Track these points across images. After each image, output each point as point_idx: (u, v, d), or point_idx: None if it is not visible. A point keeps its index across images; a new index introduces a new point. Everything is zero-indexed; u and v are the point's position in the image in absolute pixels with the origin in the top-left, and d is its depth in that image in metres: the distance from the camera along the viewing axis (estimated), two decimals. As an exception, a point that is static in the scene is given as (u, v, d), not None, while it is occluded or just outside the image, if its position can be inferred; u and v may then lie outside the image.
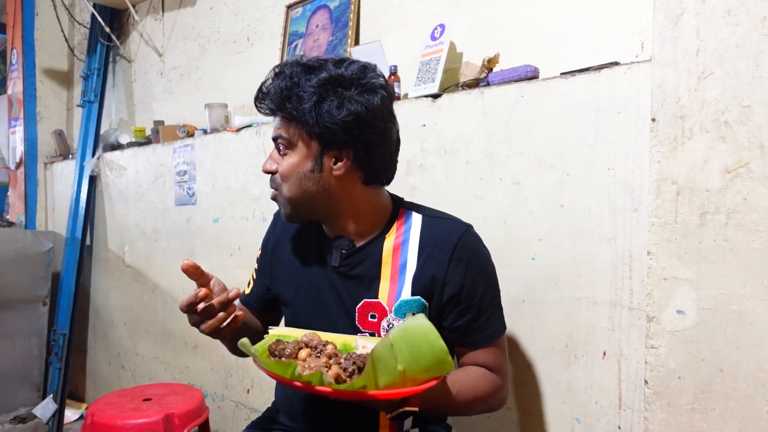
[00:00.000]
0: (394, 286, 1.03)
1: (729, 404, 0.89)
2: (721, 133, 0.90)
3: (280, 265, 1.15)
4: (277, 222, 1.20)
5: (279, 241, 1.17)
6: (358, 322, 1.04)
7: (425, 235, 1.04)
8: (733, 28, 0.90)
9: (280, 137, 1.00)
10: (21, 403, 2.66)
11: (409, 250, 1.03)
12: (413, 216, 1.07)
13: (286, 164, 1.00)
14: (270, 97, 0.98)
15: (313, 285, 1.09)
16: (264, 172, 1.03)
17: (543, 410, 1.28)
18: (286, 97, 0.96)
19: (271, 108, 0.99)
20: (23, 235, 2.73)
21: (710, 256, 0.91)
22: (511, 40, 1.42)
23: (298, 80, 0.96)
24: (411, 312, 1.02)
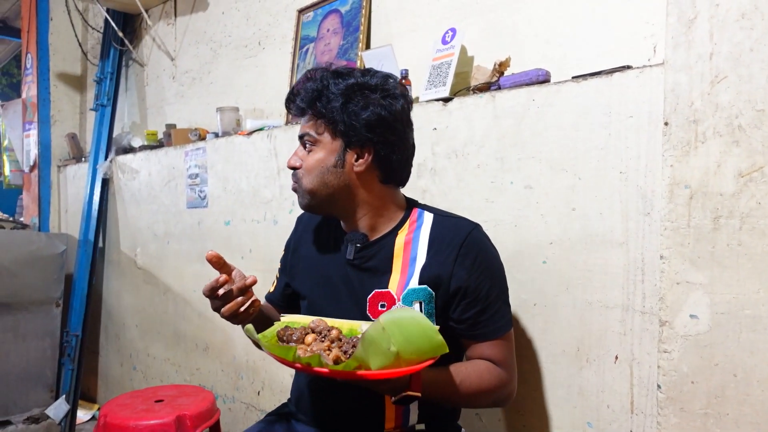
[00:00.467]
0: (403, 277, 1.09)
1: (743, 409, 0.89)
2: (735, 137, 0.90)
3: (300, 263, 1.23)
4: (299, 224, 1.29)
5: (300, 241, 1.26)
6: (369, 311, 1.10)
7: (435, 231, 1.11)
8: (747, 31, 0.89)
9: (307, 134, 1.09)
10: (34, 404, 2.69)
11: (419, 245, 1.10)
12: (425, 215, 1.14)
13: (311, 159, 1.09)
14: (301, 97, 1.08)
15: (328, 277, 1.16)
16: (289, 167, 1.12)
17: (555, 414, 1.28)
18: (316, 96, 1.06)
19: (301, 107, 1.09)
20: (37, 237, 2.77)
21: (724, 260, 0.90)
22: (522, 44, 1.42)
23: (327, 83, 1.06)
24: (418, 300, 1.07)
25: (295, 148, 1.09)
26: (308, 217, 1.27)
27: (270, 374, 2.03)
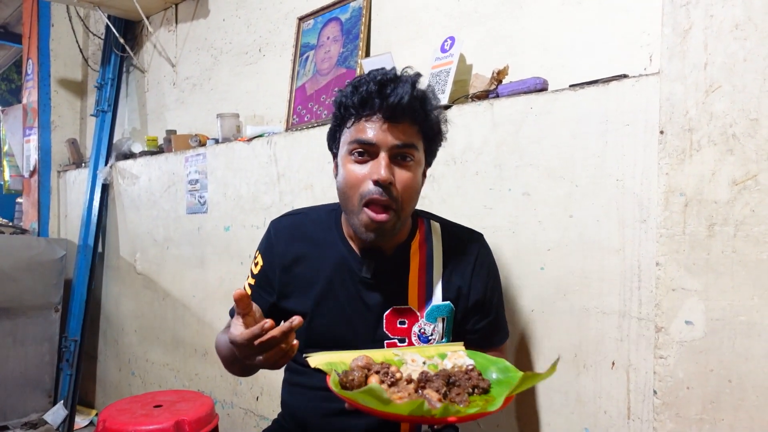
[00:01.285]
0: (422, 291, 1.07)
1: (738, 415, 0.90)
2: (729, 145, 0.91)
3: (295, 282, 1.10)
4: (281, 237, 1.13)
5: (288, 258, 1.11)
6: (386, 328, 1.06)
7: (447, 242, 1.10)
8: (741, 42, 0.91)
9: (412, 145, 0.98)
10: (32, 409, 2.69)
11: (434, 256, 1.09)
12: (432, 224, 1.13)
13: (414, 177, 0.99)
14: (401, 96, 0.94)
15: (334, 296, 1.07)
16: (383, 182, 0.94)
17: (552, 420, 1.29)
18: (421, 100, 0.97)
19: (403, 107, 0.94)
20: (36, 242, 2.77)
21: (718, 267, 0.92)
22: (520, 53, 1.44)
23: (423, 89, 0.99)
24: (442, 317, 1.07)
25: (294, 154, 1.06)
26: (290, 231, 1.13)
27: (268, 380, 2.03)
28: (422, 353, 0.94)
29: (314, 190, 1.84)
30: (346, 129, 1.00)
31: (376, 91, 0.95)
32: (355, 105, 0.97)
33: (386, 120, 0.95)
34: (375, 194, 0.95)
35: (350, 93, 0.98)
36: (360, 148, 0.97)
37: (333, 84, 1.87)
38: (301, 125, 1.93)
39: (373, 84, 0.95)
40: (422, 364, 0.90)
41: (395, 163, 0.97)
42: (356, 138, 0.97)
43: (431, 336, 1.07)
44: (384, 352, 0.93)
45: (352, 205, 0.99)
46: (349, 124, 0.99)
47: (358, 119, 0.97)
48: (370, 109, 0.95)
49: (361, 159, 0.97)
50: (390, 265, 1.07)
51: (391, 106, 0.94)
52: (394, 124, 0.96)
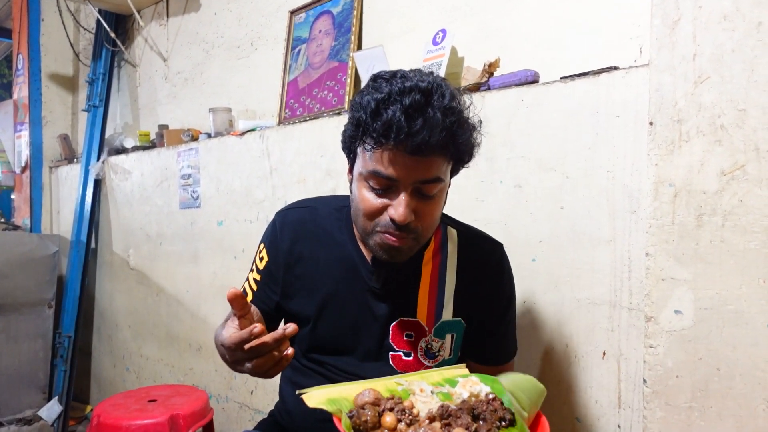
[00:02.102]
0: (432, 304, 1.02)
1: (726, 402, 0.91)
2: (718, 136, 0.92)
3: (298, 283, 1.05)
4: (285, 233, 1.07)
5: (293, 256, 1.05)
6: (391, 340, 1.02)
7: (463, 252, 1.04)
8: (729, 33, 0.91)
9: (436, 180, 0.88)
10: (27, 405, 2.68)
11: (447, 268, 1.03)
12: (449, 231, 1.07)
13: (437, 208, 0.93)
14: (431, 132, 0.82)
15: (340, 303, 1.03)
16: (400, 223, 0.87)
17: (544, 410, 1.29)
18: (452, 132, 0.85)
19: (432, 145, 0.83)
20: (29, 238, 2.76)
21: (707, 256, 0.92)
22: (511, 45, 1.44)
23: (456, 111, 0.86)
24: (451, 333, 1.04)
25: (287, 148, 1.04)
26: (295, 227, 1.06)
27: (263, 374, 2.04)
28: (427, 380, 0.90)
29: (307, 184, 1.84)
30: (364, 148, 0.89)
31: (404, 122, 0.81)
32: (377, 131, 0.84)
33: (411, 155, 0.84)
34: (390, 231, 0.89)
35: (372, 114, 0.84)
36: (379, 181, 0.88)
37: (325, 77, 1.87)
38: (293, 119, 1.93)
39: (400, 112, 0.82)
40: (431, 393, 0.85)
41: (417, 197, 0.89)
42: (374, 170, 0.87)
43: (438, 352, 1.03)
44: (386, 382, 0.88)
45: (366, 229, 0.93)
46: (367, 146, 0.87)
47: (378, 147, 0.85)
48: (394, 140, 0.83)
49: (379, 192, 0.89)
50: (401, 275, 1.01)
51: (417, 144, 0.82)
52: (420, 159, 0.85)
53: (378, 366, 1.03)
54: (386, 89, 0.85)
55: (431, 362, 1.03)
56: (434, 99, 0.84)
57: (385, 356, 1.03)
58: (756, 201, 0.88)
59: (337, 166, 1.74)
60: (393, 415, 0.76)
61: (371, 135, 0.85)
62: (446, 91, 0.86)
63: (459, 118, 0.87)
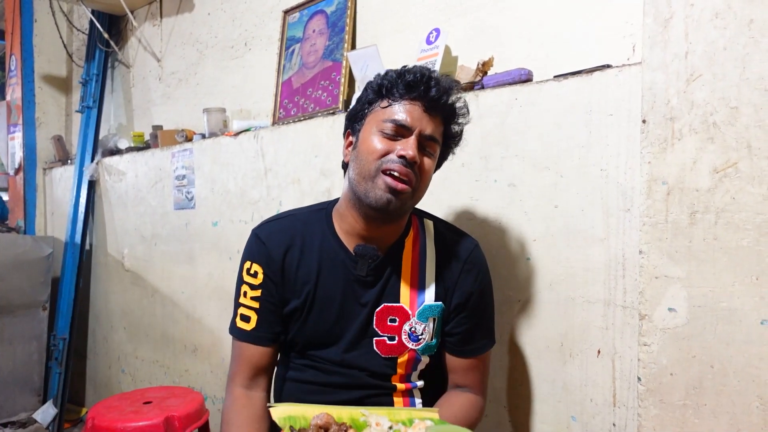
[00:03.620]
0: (414, 290, 1.08)
1: (720, 400, 0.91)
2: (710, 133, 0.92)
3: (289, 285, 1.09)
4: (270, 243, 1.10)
5: (285, 262, 1.09)
6: (376, 325, 1.07)
7: (440, 242, 1.12)
8: (721, 31, 0.92)
9: (436, 140, 1.04)
10: (21, 408, 2.67)
11: (427, 256, 1.10)
12: (425, 222, 1.14)
13: (430, 164, 1.04)
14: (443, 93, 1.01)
15: (327, 294, 1.08)
16: (410, 159, 0.97)
17: (539, 409, 1.30)
18: (454, 107, 1.05)
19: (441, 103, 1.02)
20: (23, 240, 2.75)
21: (700, 254, 0.92)
22: (505, 44, 1.44)
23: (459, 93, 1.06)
24: (433, 317, 1.07)
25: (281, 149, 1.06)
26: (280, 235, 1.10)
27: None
28: (392, 417, 0.94)
29: (301, 184, 1.83)
30: (380, 108, 1.03)
31: (424, 81, 1.00)
32: (400, 88, 1.01)
33: (425, 109, 1.00)
34: (396, 167, 0.98)
35: (395, 78, 1.02)
36: (394, 127, 1.00)
37: (319, 77, 1.86)
38: (287, 119, 1.92)
39: (420, 75, 1.01)
40: (387, 429, 0.90)
41: (420, 151, 1.01)
42: (393, 118, 1.00)
43: (421, 335, 1.07)
44: (352, 411, 0.94)
45: (370, 170, 0.99)
46: (384, 104, 1.02)
47: (398, 100, 1.01)
48: (415, 93, 1.00)
49: (390, 136, 1.00)
50: (383, 263, 1.08)
51: (434, 98, 1.00)
52: (431, 115, 1.01)
53: (361, 354, 1.08)
54: (407, 67, 1.04)
55: (415, 345, 1.07)
56: (442, 78, 1.03)
57: (369, 342, 1.07)
58: (748, 198, 0.88)
59: (331, 166, 1.73)
60: None
61: (394, 93, 1.02)
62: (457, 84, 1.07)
63: (460, 99, 1.06)
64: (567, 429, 1.24)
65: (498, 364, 1.34)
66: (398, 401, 1.09)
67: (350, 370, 1.08)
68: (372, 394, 1.09)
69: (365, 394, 1.08)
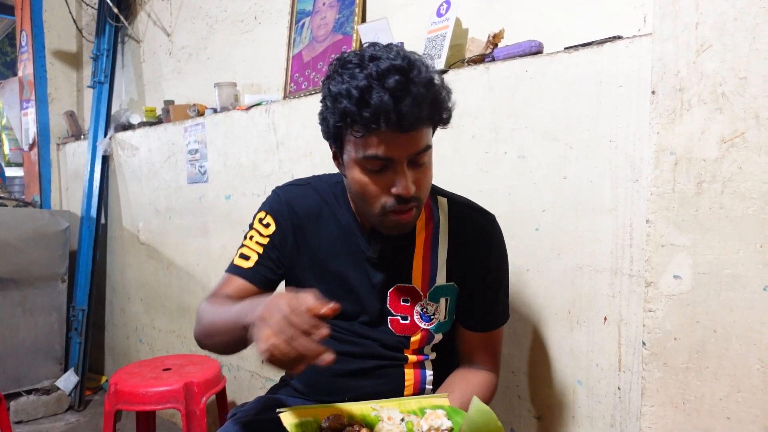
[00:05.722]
0: (426, 270, 1.07)
1: (722, 363, 0.94)
2: (719, 104, 0.93)
3: (301, 252, 1.10)
4: (288, 203, 1.11)
5: (297, 227, 1.10)
6: (389, 305, 1.08)
7: (453, 219, 1.09)
8: (732, 1, 0.92)
9: (427, 148, 0.94)
10: (44, 376, 2.76)
11: (440, 235, 1.08)
12: (439, 200, 1.11)
13: (430, 175, 0.98)
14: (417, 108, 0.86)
15: (340, 273, 1.08)
16: (406, 196, 0.92)
17: (547, 374, 1.34)
18: (434, 103, 0.91)
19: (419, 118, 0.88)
20: (40, 214, 2.81)
21: (706, 223, 0.95)
22: (515, 16, 1.44)
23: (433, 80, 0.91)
24: (445, 297, 1.08)
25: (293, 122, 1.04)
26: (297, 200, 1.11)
27: (273, 343, 2.09)
28: (402, 407, 0.95)
29: (313, 158, 1.86)
30: (353, 136, 0.91)
31: (392, 105, 0.84)
32: (366, 119, 0.86)
33: (402, 132, 0.88)
34: (398, 207, 0.94)
35: (358, 104, 0.86)
36: (374, 164, 0.91)
37: (330, 51, 1.87)
38: (298, 93, 1.94)
39: (387, 96, 0.84)
40: (399, 422, 0.90)
41: (412, 167, 0.93)
42: (373, 154, 0.89)
43: (434, 315, 1.08)
44: (362, 406, 0.93)
45: (373, 213, 0.97)
46: (357, 134, 0.90)
47: (368, 133, 0.88)
48: (384, 124, 0.85)
49: (377, 171, 0.92)
50: (396, 244, 1.07)
51: (409, 123, 0.86)
52: (410, 134, 0.89)
53: (379, 331, 1.08)
54: (363, 75, 0.86)
55: (427, 325, 1.08)
56: (413, 75, 0.87)
57: (385, 321, 1.08)
58: (755, 168, 0.90)
59: (342, 140, 1.75)
60: None
61: (361, 123, 0.87)
62: (419, 64, 0.89)
63: (438, 87, 0.91)
64: (573, 393, 1.29)
65: (507, 331, 1.37)
66: (409, 372, 1.10)
67: (364, 340, 1.09)
68: (385, 365, 1.09)
69: (377, 364, 1.09)
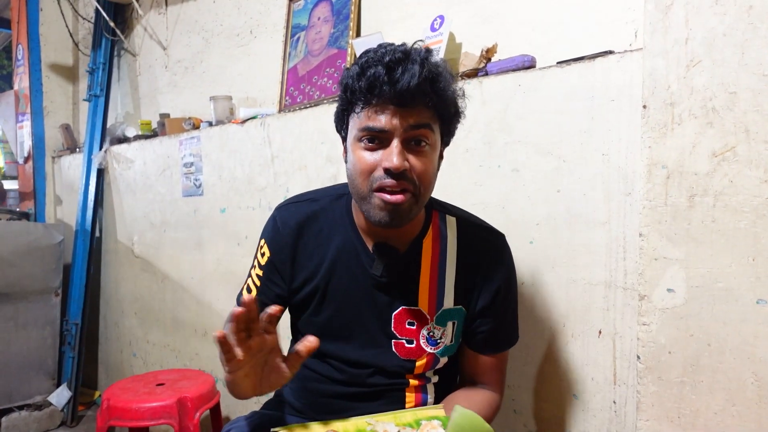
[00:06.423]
0: (433, 293, 1.04)
1: (716, 376, 0.94)
2: (709, 118, 0.94)
3: (302, 273, 1.07)
4: (285, 228, 1.08)
5: (296, 249, 1.07)
6: (394, 328, 1.04)
7: (462, 241, 1.06)
8: (721, 17, 0.93)
9: (428, 126, 0.91)
10: (36, 391, 2.73)
11: (447, 257, 1.04)
12: (447, 219, 1.08)
13: (430, 162, 0.93)
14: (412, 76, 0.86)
15: (344, 293, 1.05)
16: (395, 170, 0.88)
17: (542, 388, 1.33)
18: (433, 79, 0.89)
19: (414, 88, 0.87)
20: (35, 227, 2.79)
21: (698, 236, 0.95)
22: (508, 30, 1.45)
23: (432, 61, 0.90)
24: (452, 321, 1.05)
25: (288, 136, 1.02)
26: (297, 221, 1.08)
27: (268, 357, 2.07)
28: (398, 421, 0.92)
29: (308, 171, 1.86)
30: (355, 113, 0.93)
31: (385, 75, 0.87)
32: (362, 90, 0.89)
33: (397, 105, 0.89)
34: (386, 182, 0.90)
35: (356, 76, 0.90)
36: (370, 135, 0.91)
37: (324, 65, 1.88)
38: (293, 106, 1.94)
39: (381, 66, 0.87)
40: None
41: (409, 149, 0.91)
42: (365, 125, 0.91)
43: (440, 339, 1.05)
44: (357, 422, 0.92)
45: (362, 191, 0.94)
46: (357, 109, 0.92)
47: (367, 105, 0.91)
48: (378, 95, 0.88)
49: (371, 146, 0.92)
50: (402, 263, 1.03)
51: (400, 92, 0.87)
52: (406, 109, 0.89)
53: (380, 352, 1.05)
54: (370, 55, 0.92)
55: (433, 349, 1.05)
56: (412, 54, 0.90)
57: (388, 343, 1.05)
58: (746, 182, 0.91)
59: (337, 153, 1.76)
60: None
61: (359, 96, 0.91)
62: (423, 51, 0.92)
63: (436, 69, 0.91)
64: (569, 407, 1.28)
65: (502, 345, 1.37)
66: (410, 395, 1.07)
67: (363, 370, 1.05)
68: (386, 389, 1.06)
69: (378, 388, 1.06)
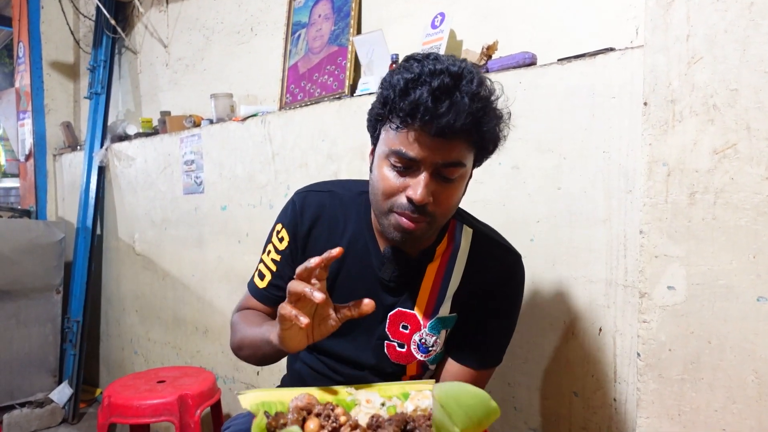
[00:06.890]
0: (432, 299, 1.02)
1: (717, 374, 0.94)
2: (710, 115, 0.94)
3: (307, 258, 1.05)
4: (303, 215, 1.06)
5: (311, 239, 1.06)
6: (388, 329, 1.03)
7: (474, 254, 1.03)
8: (722, 13, 0.93)
9: (457, 164, 0.87)
10: (38, 389, 2.74)
11: (455, 266, 1.02)
12: (464, 229, 1.05)
13: (455, 195, 0.92)
14: (457, 116, 0.82)
15: (350, 289, 1.03)
16: (417, 203, 0.86)
17: (543, 385, 1.33)
18: (480, 118, 0.85)
19: (457, 128, 0.82)
20: (36, 225, 2.80)
21: (699, 233, 0.95)
22: (509, 28, 1.45)
23: (485, 96, 0.86)
24: (446, 329, 1.02)
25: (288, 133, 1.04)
26: (315, 211, 1.06)
27: (269, 355, 2.08)
28: (383, 393, 0.88)
29: (309, 168, 1.86)
30: (389, 127, 0.89)
31: (430, 103, 0.82)
32: (403, 110, 0.84)
33: (434, 136, 0.84)
34: (405, 211, 0.88)
35: (400, 93, 0.85)
36: (399, 161, 0.87)
37: (325, 62, 1.88)
38: (294, 104, 1.94)
39: (427, 93, 0.82)
40: (380, 405, 0.83)
41: (437, 179, 0.88)
42: (398, 149, 0.86)
43: (431, 347, 1.02)
44: (338, 390, 0.88)
45: (381, 207, 0.92)
46: (392, 125, 0.88)
47: (404, 126, 0.86)
48: (419, 121, 0.83)
49: (399, 170, 0.88)
50: (409, 270, 1.02)
51: (441, 127, 0.82)
52: (444, 141, 0.84)
53: (371, 355, 1.04)
54: (417, 70, 0.85)
55: (424, 356, 1.03)
56: (463, 84, 0.83)
57: (381, 344, 1.04)
58: (747, 179, 0.90)
59: (338, 150, 1.76)
60: (317, 421, 0.74)
61: (398, 114, 0.86)
62: (475, 77, 0.86)
63: (486, 105, 0.86)
64: (569, 404, 1.28)
65: (502, 343, 1.37)
66: None
67: (359, 372, 1.05)
68: None
69: None
